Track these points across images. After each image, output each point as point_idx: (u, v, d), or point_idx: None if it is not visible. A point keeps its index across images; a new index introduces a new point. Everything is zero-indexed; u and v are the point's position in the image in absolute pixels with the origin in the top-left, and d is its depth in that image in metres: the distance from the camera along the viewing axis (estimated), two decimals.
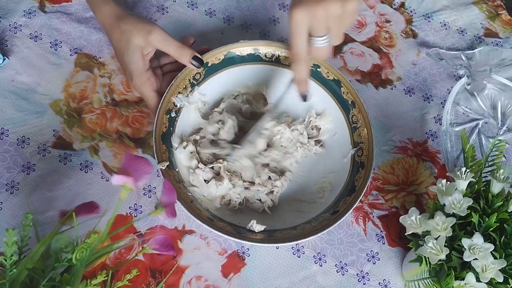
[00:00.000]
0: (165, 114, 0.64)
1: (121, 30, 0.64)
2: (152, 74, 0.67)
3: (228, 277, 0.62)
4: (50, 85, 0.70)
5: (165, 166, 0.61)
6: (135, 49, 0.64)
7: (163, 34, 0.64)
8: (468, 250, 0.50)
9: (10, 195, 0.63)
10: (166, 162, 0.61)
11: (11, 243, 0.42)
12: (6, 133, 0.66)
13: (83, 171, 0.66)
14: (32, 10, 0.75)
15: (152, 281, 0.61)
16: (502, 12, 0.88)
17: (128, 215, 0.64)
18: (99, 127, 0.69)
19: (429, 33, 0.84)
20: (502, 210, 0.53)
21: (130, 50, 0.64)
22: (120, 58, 0.67)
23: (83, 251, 0.44)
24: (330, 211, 0.62)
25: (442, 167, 0.73)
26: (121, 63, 0.68)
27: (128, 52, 0.64)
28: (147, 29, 0.63)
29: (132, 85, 0.66)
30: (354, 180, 0.64)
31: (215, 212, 0.62)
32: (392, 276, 0.65)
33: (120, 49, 0.65)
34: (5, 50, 0.71)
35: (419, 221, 0.54)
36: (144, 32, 0.63)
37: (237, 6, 0.82)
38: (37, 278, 0.44)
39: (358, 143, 0.66)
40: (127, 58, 0.64)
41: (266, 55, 0.71)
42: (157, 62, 0.71)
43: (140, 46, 0.64)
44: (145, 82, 0.65)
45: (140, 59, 0.64)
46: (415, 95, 0.78)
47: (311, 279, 0.63)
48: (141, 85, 0.65)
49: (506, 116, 0.74)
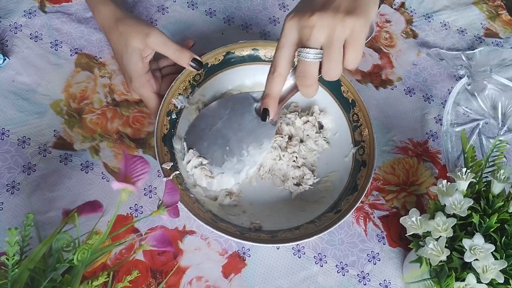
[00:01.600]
0: (166, 116, 0.64)
1: (120, 32, 0.64)
2: (151, 76, 0.67)
3: (229, 278, 0.62)
4: (51, 86, 0.70)
5: (169, 166, 0.61)
6: (133, 51, 0.64)
7: (162, 36, 0.64)
8: (468, 251, 0.50)
9: (11, 196, 0.63)
10: (170, 163, 0.61)
11: (13, 242, 0.42)
12: (6, 134, 0.66)
13: (83, 171, 0.66)
14: (33, 10, 0.75)
15: (152, 282, 0.61)
16: (502, 12, 0.88)
17: (128, 215, 0.64)
18: (99, 128, 0.69)
19: (429, 33, 0.84)
20: (502, 210, 0.53)
21: (128, 53, 0.64)
22: (119, 60, 0.67)
23: (84, 252, 0.44)
24: (333, 210, 0.62)
25: (442, 167, 0.73)
26: (120, 65, 0.68)
27: (126, 55, 0.64)
28: (145, 32, 0.63)
29: (132, 87, 0.66)
30: (356, 178, 0.64)
31: (217, 213, 0.62)
32: (392, 277, 0.65)
33: (118, 51, 0.65)
34: (5, 50, 0.71)
35: (419, 221, 0.54)
36: (142, 34, 0.63)
37: (237, 6, 0.82)
38: (38, 278, 0.44)
39: (359, 141, 0.67)
40: (126, 61, 0.64)
41: (265, 55, 0.71)
42: (156, 64, 0.71)
43: (138, 49, 0.64)
44: (144, 84, 0.65)
45: (139, 61, 0.64)
46: (415, 95, 0.78)
47: (312, 280, 0.63)
48: (140, 87, 0.65)
49: (506, 116, 0.74)
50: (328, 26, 0.45)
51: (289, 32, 0.48)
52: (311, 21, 0.46)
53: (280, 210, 0.66)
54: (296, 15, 0.48)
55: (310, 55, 0.47)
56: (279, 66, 0.50)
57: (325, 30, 0.46)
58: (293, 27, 0.48)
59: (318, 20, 0.46)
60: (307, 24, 0.46)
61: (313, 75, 0.48)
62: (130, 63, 0.64)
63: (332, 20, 0.45)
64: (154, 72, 0.69)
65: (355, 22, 0.45)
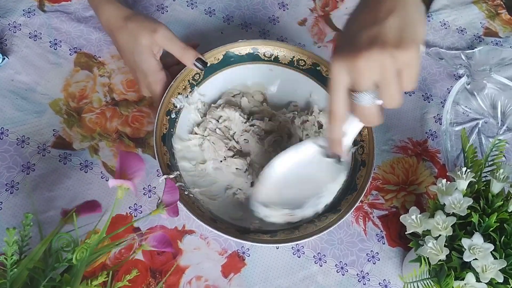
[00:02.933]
0: (165, 115, 0.64)
1: (129, 30, 0.64)
2: (167, 74, 0.67)
3: (228, 277, 0.62)
4: (50, 85, 0.70)
5: (174, 175, 0.60)
6: (143, 48, 0.63)
7: (168, 33, 0.64)
8: (468, 250, 0.50)
9: (10, 195, 0.63)
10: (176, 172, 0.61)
11: (12, 242, 0.42)
12: (5, 133, 0.66)
13: (83, 171, 0.66)
14: (32, 9, 0.75)
15: (152, 281, 0.61)
16: (502, 12, 0.88)
17: (128, 215, 0.64)
18: (98, 127, 0.69)
19: (428, 32, 0.84)
20: (502, 210, 0.53)
21: (138, 50, 0.63)
22: (129, 58, 0.66)
23: (83, 251, 0.44)
24: (332, 210, 0.62)
25: (442, 166, 0.73)
26: (130, 62, 0.66)
27: (137, 52, 0.64)
28: (153, 28, 0.63)
29: (145, 83, 0.66)
30: (355, 178, 0.64)
31: (216, 213, 0.62)
32: (392, 276, 0.65)
33: (128, 49, 0.65)
34: (4, 49, 0.71)
35: (419, 220, 0.54)
36: (149, 30, 0.63)
37: (237, 5, 0.82)
38: (38, 278, 0.44)
39: (359, 141, 0.66)
40: (138, 58, 0.64)
41: (265, 54, 0.71)
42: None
43: (147, 45, 0.63)
44: (160, 80, 0.65)
45: (151, 57, 0.64)
46: (415, 94, 0.78)
47: (311, 279, 0.63)
48: (154, 83, 0.65)
49: (506, 115, 0.74)
50: (378, 66, 0.42)
51: (338, 76, 0.45)
52: (360, 64, 0.42)
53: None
54: (341, 56, 0.44)
55: (366, 100, 0.44)
56: (337, 112, 0.47)
57: (376, 71, 0.42)
58: (342, 71, 0.44)
59: (366, 62, 0.42)
60: (355, 67, 0.43)
61: (374, 114, 0.46)
62: (142, 60, 0.64)
63: (381, 58, 0.41)
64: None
65: (407, 55, 0.41)
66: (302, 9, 0.83)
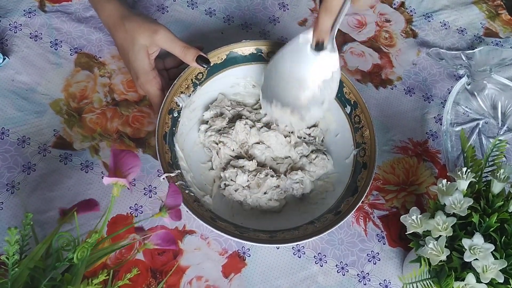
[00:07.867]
0: (167, 114, 0.64)
1: (126, 29, 0.64)
2: (157, 73, 0.67)
3: (229, 277, 0.62)
4: (50, 85, 0.70)
5: (175, 173, 0.60)
6: (140, 48, 0.64)
7: (169, 34, 0.64)
8: (468, 251, 0.50)
9: (10, 195, 0.63)
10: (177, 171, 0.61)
11: (13, 241, 0.42)
12: (6, 133, 0.66)
13: (83, 171, 0.66)
14: (32, 9, 0.75)
15: (152, 281, 0.61)
16: (502, 12, 0.88)
17: (128, 215, 0.64)
18: (99, 127, 0.69)
19: (429, 32, 0.84)
20: (502, 210, 0.53)
21: (135, 50, 0.64)
22: (125, 57, 0.67)
23: (84, 250, 0.44)
24: (333, 212, 0.62)
25: (442, 167, 0.73)
26: (125, 62, 0.68)
27: (133, 52, 0.64)
28: (153, 29, 0.63)
29: (138, 83, 0.66)
30: (356, 180, 0.64)
31: (217, 212, 0.62)
32: (392, 277, 0.65)
33: (124, 48, 0.65)
34: (5, 49, 0.71)
35: (420, 220, 0.54)
36: (149, 31, 0.63)
37: (237, 5, 0.82)
38: (38, 277, 0.44)
39: (361, 143, 0.66)
40: (133, 57, 0.64)
41: (268, 54, 0.71)
42: (161, 63, 0.71)
43: (145, 46, 0.64)
44: (151, 80, 0.65)
45: (145, 58, 0.64)
46: (415, 95, 0.78)
47: (312, 280, 0.63)
48: (146, 83, 0.65)
49: (506, 116, 0.74)
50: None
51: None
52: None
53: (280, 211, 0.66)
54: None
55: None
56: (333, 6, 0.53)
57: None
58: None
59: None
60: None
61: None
62: (136, 60, 0.64)
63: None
64: (160, 71, 0.69)
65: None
66: (303, 9, 0.84)
